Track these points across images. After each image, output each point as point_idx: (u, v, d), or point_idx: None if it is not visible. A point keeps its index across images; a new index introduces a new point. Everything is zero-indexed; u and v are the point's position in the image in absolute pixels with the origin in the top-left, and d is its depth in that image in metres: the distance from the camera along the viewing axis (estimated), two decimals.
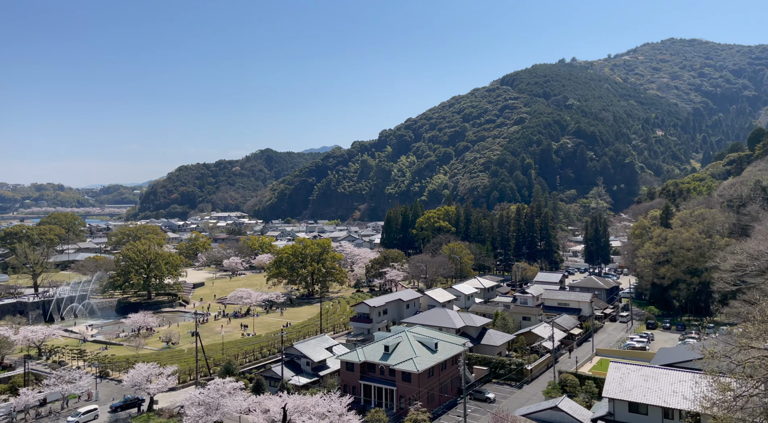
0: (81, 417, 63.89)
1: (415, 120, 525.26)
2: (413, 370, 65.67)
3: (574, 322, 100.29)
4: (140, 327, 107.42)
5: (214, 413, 59.43)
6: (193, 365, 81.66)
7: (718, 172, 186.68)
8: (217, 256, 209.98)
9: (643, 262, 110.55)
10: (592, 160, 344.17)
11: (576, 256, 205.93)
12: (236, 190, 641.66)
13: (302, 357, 75.87)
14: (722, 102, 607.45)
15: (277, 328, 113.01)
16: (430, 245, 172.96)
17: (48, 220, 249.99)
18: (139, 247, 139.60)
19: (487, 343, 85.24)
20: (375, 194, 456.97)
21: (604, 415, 55.36)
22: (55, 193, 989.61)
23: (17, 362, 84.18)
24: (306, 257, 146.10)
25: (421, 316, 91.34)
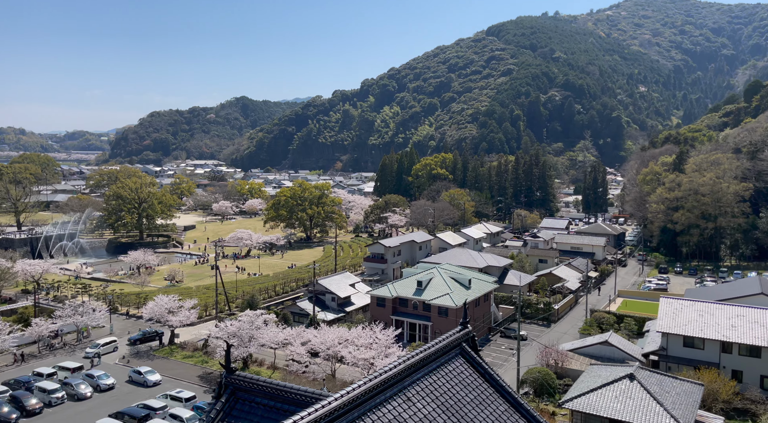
0: (100, 348, 60.09)
1: (398, 69, 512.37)
2: (451, 305, 63.44)
3: (589, 265, 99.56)
4: (140, 265, 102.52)
5: (248, 345, 56.26)
6: (209, 302, 78.02)
7: (714, 123, 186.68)
8: (204, 201, 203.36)
9: (655, 207, 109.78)
10: (580, 113, 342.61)
11: (568, 207, 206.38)
12: (211, 138, 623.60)
13: (327, 293, 72.88)
14: (701, 60, 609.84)
15: (282, 269, 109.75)
16: (427, 192, 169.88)
17: (19, 160, 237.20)
18: (130, 185, 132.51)
19: (510, 283, 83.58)
20: (358, 145, 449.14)
21: (657, 350, 54.16)
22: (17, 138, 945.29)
23: (17, 296, 79.07)
24: (305, 200, 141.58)
25: (443, 255, 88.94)
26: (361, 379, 14.26)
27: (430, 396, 15.42)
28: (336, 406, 12.96)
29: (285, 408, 14.89)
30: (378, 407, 14.03)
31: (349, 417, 13.25)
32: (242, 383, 15.76)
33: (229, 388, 15.85)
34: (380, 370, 14.79)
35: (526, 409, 16.94)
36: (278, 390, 15.07)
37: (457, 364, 17.20)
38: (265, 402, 15.25)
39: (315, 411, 12.53)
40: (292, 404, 14.84)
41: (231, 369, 16.07)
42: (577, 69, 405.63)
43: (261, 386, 15.40)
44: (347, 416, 13.23)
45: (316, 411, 12.55)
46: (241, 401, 15.62)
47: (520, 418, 16.72)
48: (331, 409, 12.81)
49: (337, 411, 13.00)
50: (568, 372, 53.70)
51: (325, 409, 12.70)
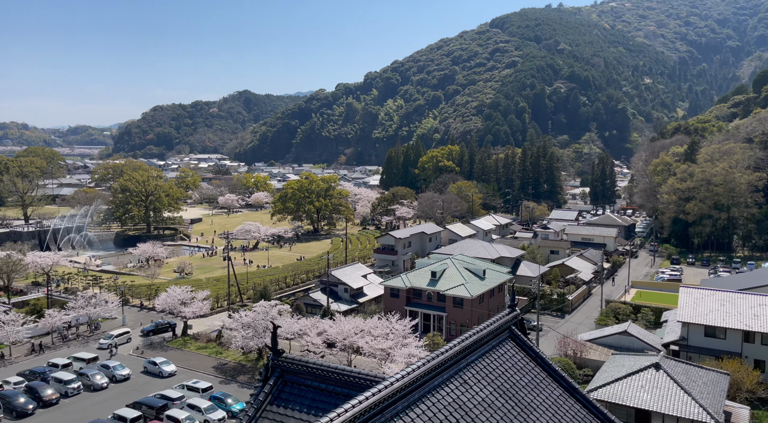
0: (114, 340, 59.74)
1: (401, 62, 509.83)
2: (466, 296, 62.87)
3: (601, 256, 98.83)
4: (149, 257, 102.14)
5: (263, 335, 55.79)
6: (220, 293, 77.61)
7: (723, 114, 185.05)
8: (210, 194, 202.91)
9: (666, 198, 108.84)
10: (585, 105, 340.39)
11: (575, 199, 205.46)
12: (214, 132, 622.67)
13: (340, 284, 72.36)
14: (707, 52, 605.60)
15: (291, 261, 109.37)
16: (434, 185, 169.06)
17: (24, 154, 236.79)
18: (137, 177, 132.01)
19: (522, 274, 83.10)
20: (361, 138, 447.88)
21: (677, 340, 53.52)
22: (20, 133, 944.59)
23: (28, 288, 78.79)
24: (312, 193, 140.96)
25: (454, 246, 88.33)
26: (417, 362, 13.65)
27: (485, 379, 14.82)
28: (397, 388, 12.37)
29: (337, 391, 14.31)
30: (437, 389, 13.45)
31: (409, 399, 12.67)
32: (290, 365, 15.18)
33: (277, 370, 15.26)
34: (436, 352, 14.19)
35: (581, 394, 16.34)
36: (330, 372, 14.48)
37: (508, 347, 16.59)
38: (315, 384, 14.67)
39: (378, 392, 11.93)
40: (345, 387, 14.26)
41: (278, 351, 15.49)
42: (582, 61, 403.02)
43: (311, 368, 14.82)
44: (407, 398, 12.64)
45: (379, 392, 11.95)
46: (290, 384, 15.05)
47: (576, 402, 16.12)
48: (392, 390, 12.22)
49: (399, 393, 12.41)
50: (587, 362, 53.18)
51: (387, 391, 12.10)
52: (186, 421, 42.32)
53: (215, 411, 44.43)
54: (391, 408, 12.15)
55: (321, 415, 14.01)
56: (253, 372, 55.09)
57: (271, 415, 14.45)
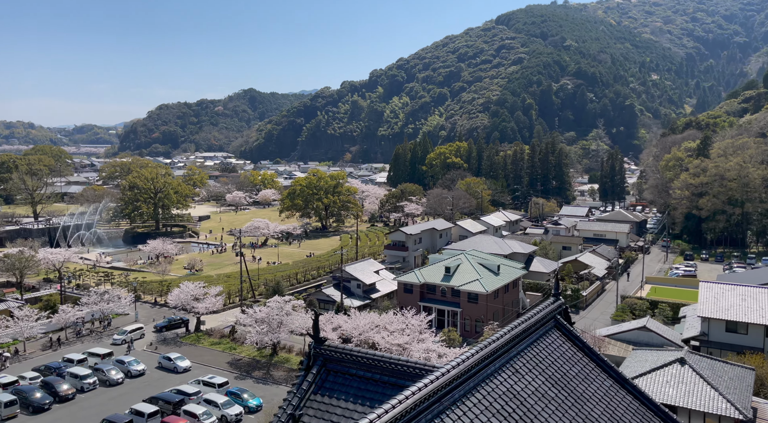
0: (127, 335, 59.52)
1: (407, 60, 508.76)
2: (482, 291, 62.30)
3: (613, 252, 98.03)
4: (159, 254, 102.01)
5: (278, 330, 55.46)
6: (231, 289, 77.31)
7: (733, 109, 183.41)
8: (217, 192, 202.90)
9: (679, 193, 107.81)
10: (592, 101, 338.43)
11: (583, 196, 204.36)
12: (219, 131, 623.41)
13: (352, 279, 71.92)
14: (714, 48, 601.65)
15: (300, 257, 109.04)
16: (442, 181, 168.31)
17: (32, 153, 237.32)
18: (146, 174, 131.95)
19: (535, 269, 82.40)
20: (367, 136, 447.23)
21: (698, 335, 52.82)
22: (26, 132, 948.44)
23: (40, 284, 78.74)
24: (320, 189, 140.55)
25: (466, 242, 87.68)
26: (469, 350, 13.12)
27: (536, 369, 14.29)
28: (454, 375, 11.86)
29: (384, 379, 13.81)
30: (490, 378, 12.93)
31: (465, 387, 12.15)
32: (334, 354, 14.68)
33: (320, 359, 14.77)
34: (487, 341, 13.66)
35: (632, 385, 15.79)
36: (376, 360, 13.98)
37: (554, 337, 16.04)
38: (360, 373, 14.17)
39: (436, 379, 11.42)
40: (392, 375, 13.75)
41: (320, 339, 14.99)
42: (589, 57, 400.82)
43: (355, 357, 14.31)
44: (463, 387, 12.13)
45: (437, 379, 11.44)
46: (333, 373, 14.55)
47: (627, 394, 15.57)
48: (450, 378, 11.71)
49: (455, 381, 11.90)
50: (607, 357, 52.46)
51: (444, 378, 11.59)
52: (203, 416, 41.99)
53: (232, 406, 44.10)
54: (449, 396, 11.65)
55: (368, 404, 13.53)
56: (267, 368, 54.74)
57: (315, 405, 13.96)
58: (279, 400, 45.80)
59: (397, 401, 10.42)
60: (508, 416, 12.29)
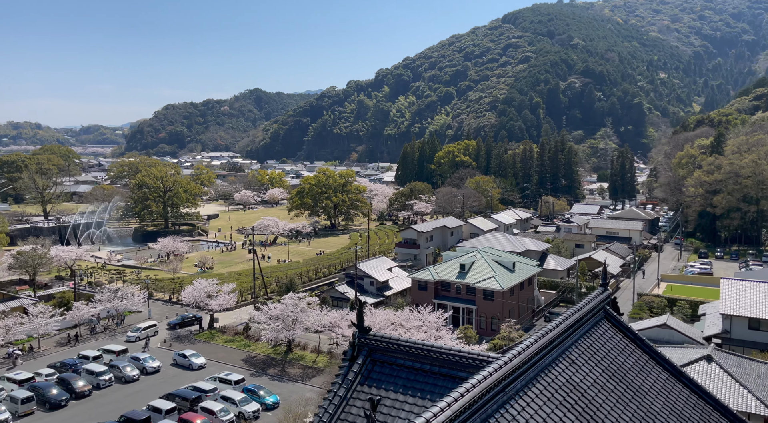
0: (141, 332, 59.23)
1: (413, 59, 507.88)
2: (497, 288, 61.64)
3: (627, 250, 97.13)
4: (170, 252, 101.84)
5: (293, 327, 54.99)
6: (243, 287, 76.93)
7: (744, 107, 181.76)
8: (225, 191, 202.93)
9: (693, 191, 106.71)
10: (600, 100, 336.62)
11: (592, 194, 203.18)
12: (225, 131, 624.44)
13: (365, 277, 71.38)
14: (722, 46, 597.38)
15: (311, 256, 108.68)
16: (450, 180, 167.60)
17: (41, 152, 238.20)
18: (155, 173, 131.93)
19: (549, 267, 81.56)
20: (373, 135, 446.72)
21: (720, 333, 51.97)
22: (33, 132, 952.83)
23: (52, 282, 78.65)
24: (329, 188, 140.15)
25: (479, 240, 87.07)
26: (525, 341, 12.55)
27: (591, 360, 13.70)
28: (515, 365, 11.30)
29: (434, 370, 13.25)
30: (547, 369, 12.36)
31: (526, 378, 11.59)
32: (379, 344, 14.13)
33: (365, 349, 14.23)
34: (543, 330, 13.08)
35: (688, 378, 15.16)
36: (426, 350, 13.42)
37: (605, 327, 15.44)
38: (409, 364, 13.61)
39: (499, 368, 10.85)
40: (443, 366, 13.18)
41: (365, 328, 14.45)
42: (596, 55, 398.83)
43: (403, 346, 13.76)
44: (524, 377, 11.57)
45: (500, 368, 10.88)
46: (379, 363, 14.00)
47: (684, 388, 14.94)
48: (510, 368, 11.15)
49: (516, 371, 11.33)
50: None
51: (506, 368, 11.04)
52: (221, 413, 41.57)
53: (249, 403, 43.65)
54: (512, 386, 11.10)
55: (419, 395, 12.98)
56: (282, 365, 54.29)
57: (363, 396, 13.42)
58: (296, 398, 45.36)
59: (464, 390, 9.88)
60: (571, 408, 11.71)
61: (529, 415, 10.81)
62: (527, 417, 10.74)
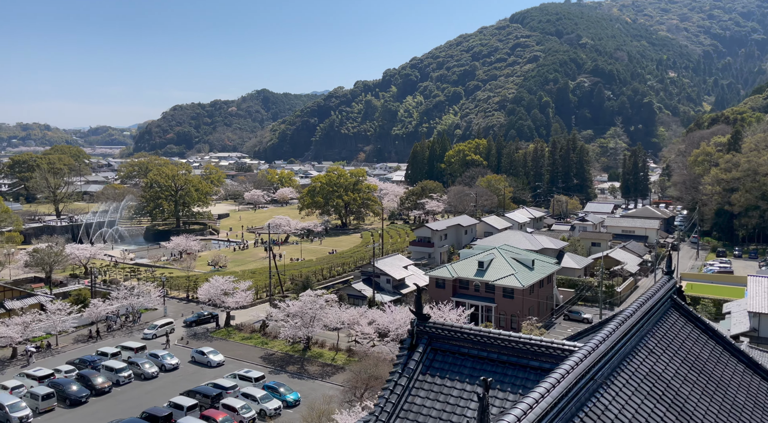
0: (158, 329, 58.79)
1: (420, 59, 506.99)
2: (517, 286, 60.74)
3: (644, 248, 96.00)
4: (182, 251, 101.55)
5: (311, 325, 54.37)
6: (257, 285, 76.39)
7: (757, 105, 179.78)
8: (235, 190, 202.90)
9: (710, 189, 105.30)
10: (610, 99, 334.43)
11: (603, 193, 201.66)
12: (233, 131, 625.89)
13: (382, 274, 70.69)
14: (731, 45, 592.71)
15: (323, 254, 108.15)
16: (461, 179, 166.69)
17: (51, 152, 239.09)
18: (167, 172, 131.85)
19: (566, 266, 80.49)
20: (380, 135, 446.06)
21: (747, 331, 50.87)
22: (43, 133, 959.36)
23: (67, 280, 78.45)
24: (340, 187, 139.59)
25: (496, 238, 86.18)
26: (605, 328, 11.78)
27: (668, 349, 12.91)
28: (601, 353, 10.53)
29: (503, 359, 12.49)
30: (629, 358, 11.60)
31: (611, 366, 10.83)
32: (440, 331, 13.40)
33: (424, 337, 13.49)
34: (620, 318, 12.30)
35: (765, 370, 14.31)
36: (493, 338, 12.66)
37: (675, 317, 14.63)
38: (474, 353, 12.86)
39: (584, 358, 10.09)
40: (513, 354, 12.42)
41: (424, 316, 13.72)
42: (606, 55, 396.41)
43: (467, 334, 13.01)
44: (608, 366, 10.79)
45: (587, 356, 10.12)
46: (441, 352, 13.27)
47: (762, 380, 14.10)
48: (596, 356, 10.39)
49: (602, 359, 10.57)
50: None
51: (594, 355, 10.28)
52: (242, 410, 40.98)
53: (270, 400, 43.04)
54: (599, 374, 10.32)
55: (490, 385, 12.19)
56: (301, 362, 53.65)
57: (426, 386, 12.69)
58: (317, 395, 44.69)
59: (559, 376, 9.14)
60: (660, 399, 10.94)
61: (621, 405, 10.05)
62: (619, 407, 9.98)
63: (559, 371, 9.29)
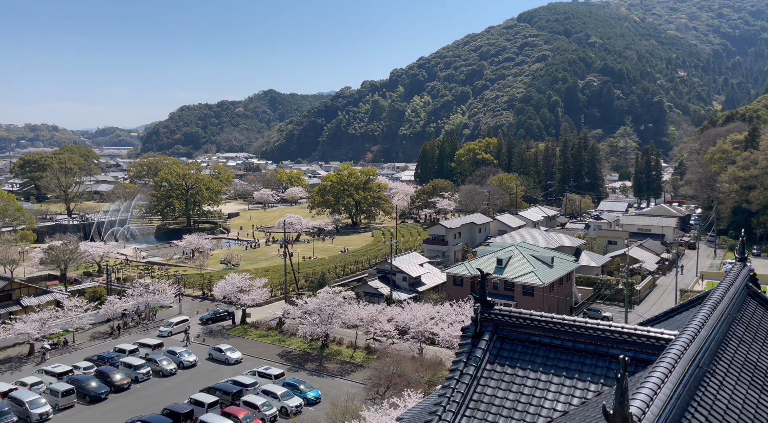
0: (173, 327, 58.26)
1: (428, 59, 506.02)
2: (537, 283, 59.80)
3: (661, 247, 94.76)
4: (194, 249, 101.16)
5: (330, 322, 53.65)
6: (272, 282, 75.78)
7: None
8: (244, 190, 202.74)
9: (727, 187, 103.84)
10: (619, 98, 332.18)
11: (615, 193, 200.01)
12: (240, 132, 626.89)
13: (398, 272, 69.90)
14: (741, 44, 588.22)
15: (335, 253, 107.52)
16: (471, 178, 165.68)
17: (61, 152, 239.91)
18: (177, 170, 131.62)
19: (584, 263, 79.39)
20: (388, 135, 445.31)
21: None
22: (51, 134, 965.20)
23: (81, 277, 78.16)
24: (351, 185, 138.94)
25: (512, 235, 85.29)
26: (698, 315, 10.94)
27: (757, 338, 12.08)
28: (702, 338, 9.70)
29: (579, 347, 11.67)
30: (722, 346, 10.74)
31: (710, 353, 9.98)
32: (507, 319, 12.61)
33: (489, 325, 12.69)
34: (710, 305, 11.45)
35: None
36: (569, 325, 11.85)
37: (753, 305, 13.78)
38: (546, 341, 12.06)
39: (688, 344, 9.27)
40: (592, 342, 11.60)
41: (488, 302, 12.94)
42: (615, 54, 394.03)
43: (538, 321, 12.21)
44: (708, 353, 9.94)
45: (690, 343, 9.29)
46: (508, 340, 12.47)
47: None
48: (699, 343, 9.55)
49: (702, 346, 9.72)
50: None
51: (697, 342, 9.44)
52: (263, 407, 40.30)
53: (291, 397, 42.34)
54: (702, 362, 9.48)
55: (566, 374, 11.41)
56: (319, 360, 52.94)
57: (496, 375, 11.89)
58: (336, 393, 43.94)
59: (671, 362, 8.32)
60: (762, 389, 10.08)
61: (729, 395, 9.22)
62: (727, 396, 9.15)
63: (669, 356, 8.47)
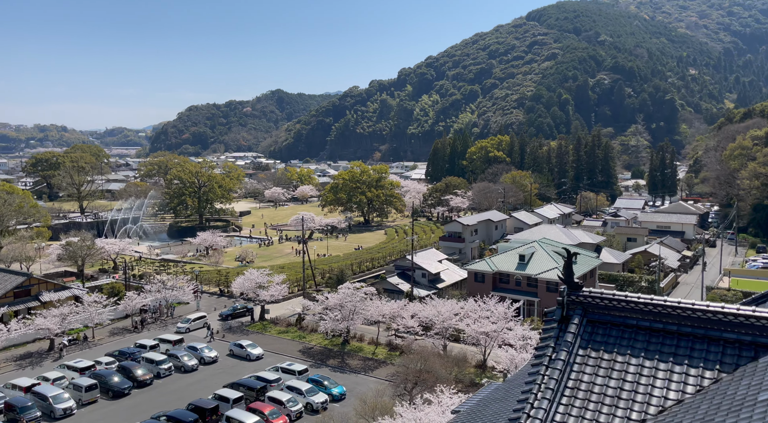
0: (191, 323, 57.66)
1: (436, 58, 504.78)
2: None
3: (681, 244, 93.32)
4: (209, 246, 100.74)
5: (351, 318, 52.84)
6: (290, 279, 75.08)
7: None
8: (254, 188, 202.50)
9: (748, 184, 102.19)
10: (630, 96, 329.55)
11: (628, 191, 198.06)
12: (248, 131, 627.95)
13: (417, 268, 69.02)
14: (752, 42, 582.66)
15: (348, 250, 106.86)
16: (484, 176, 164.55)
17: (72, 151, 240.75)
18: (190, 168, 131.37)
19: (605, 260, 78.17)
20: (396, 134, 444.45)
21: None
22: (60, 135, 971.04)
23: (97, 274, 77.83)
24: (363, 183, 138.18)
25: (532, 231, 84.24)
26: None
27: None
28: None
29: (685, 331, 10.73)
30: None
31: None
32: (599, 302, 11.68)
33: (578, 308, 11.78)
34: None
35: None
36: (673, 308, 10.91)
37: None
38: (644, 324, 11.12)
39: None
40: (701, 325, 10.65)
41: (576, 284, 12.03)
42: (625, 52, 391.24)
43: (635, 304, 11.27)
44: None
45: None
46: (600, 324, 11.54)
47: None
48: None
49: None
50: None
51: None
52: (289, 403, 39.54)
53: (317, 394, 41.56)
54: None
55: (674, 360, 10.47)
56: (341, 356, 52.13)
57: (592, 361, 10.97)
58: (361, 389, 43.11)
59: None
60: None
61: None
62: None
63: None
